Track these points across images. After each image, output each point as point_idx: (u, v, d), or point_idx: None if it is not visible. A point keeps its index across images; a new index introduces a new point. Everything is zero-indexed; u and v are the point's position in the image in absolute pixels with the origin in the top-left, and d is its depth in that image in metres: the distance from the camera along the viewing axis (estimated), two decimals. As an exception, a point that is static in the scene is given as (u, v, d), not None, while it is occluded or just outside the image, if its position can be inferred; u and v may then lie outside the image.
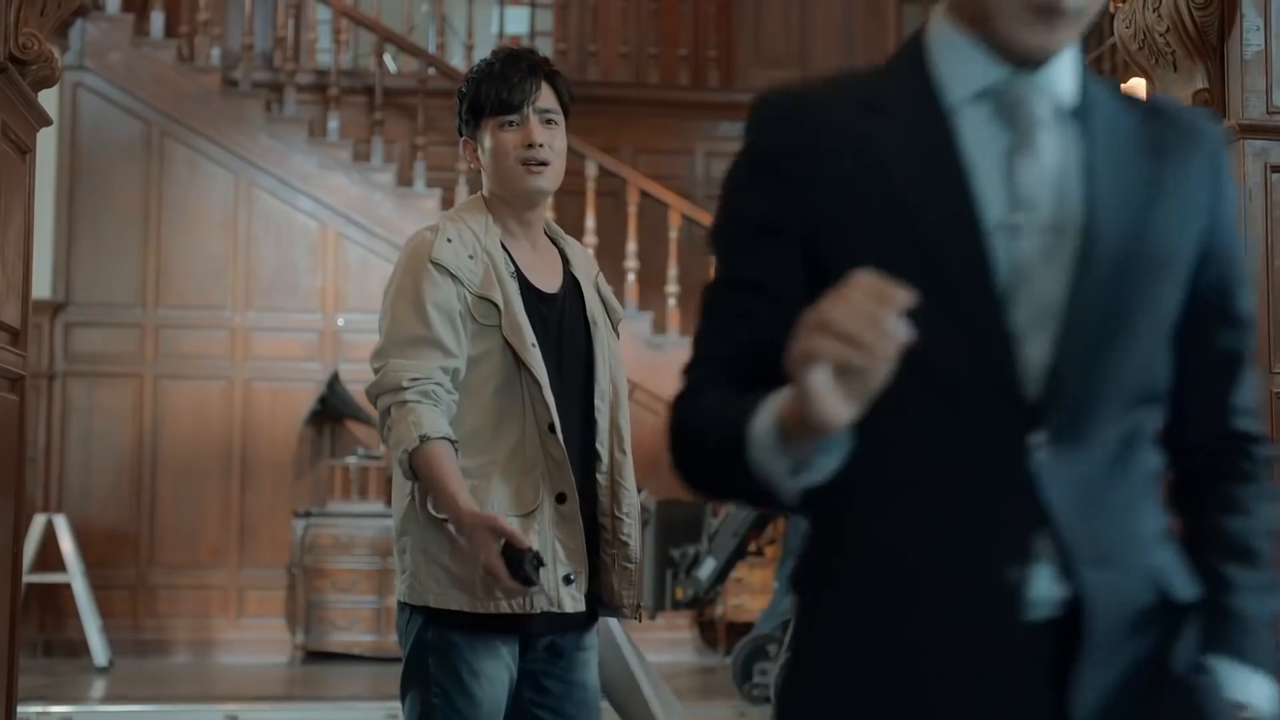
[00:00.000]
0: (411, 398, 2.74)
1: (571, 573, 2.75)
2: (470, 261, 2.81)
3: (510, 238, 2.92)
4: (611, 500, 2.85)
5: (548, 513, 2.74)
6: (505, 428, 2.76)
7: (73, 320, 9.63)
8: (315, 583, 9.27)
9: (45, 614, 9.35)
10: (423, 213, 9.96)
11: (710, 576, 7.20)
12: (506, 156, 2.88)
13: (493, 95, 2.87)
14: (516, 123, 2.87)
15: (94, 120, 9.74)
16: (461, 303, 2.78)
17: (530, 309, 2.81)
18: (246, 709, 6.89)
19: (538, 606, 2.69)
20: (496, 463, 2.76)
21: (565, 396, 2.81)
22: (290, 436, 9.71)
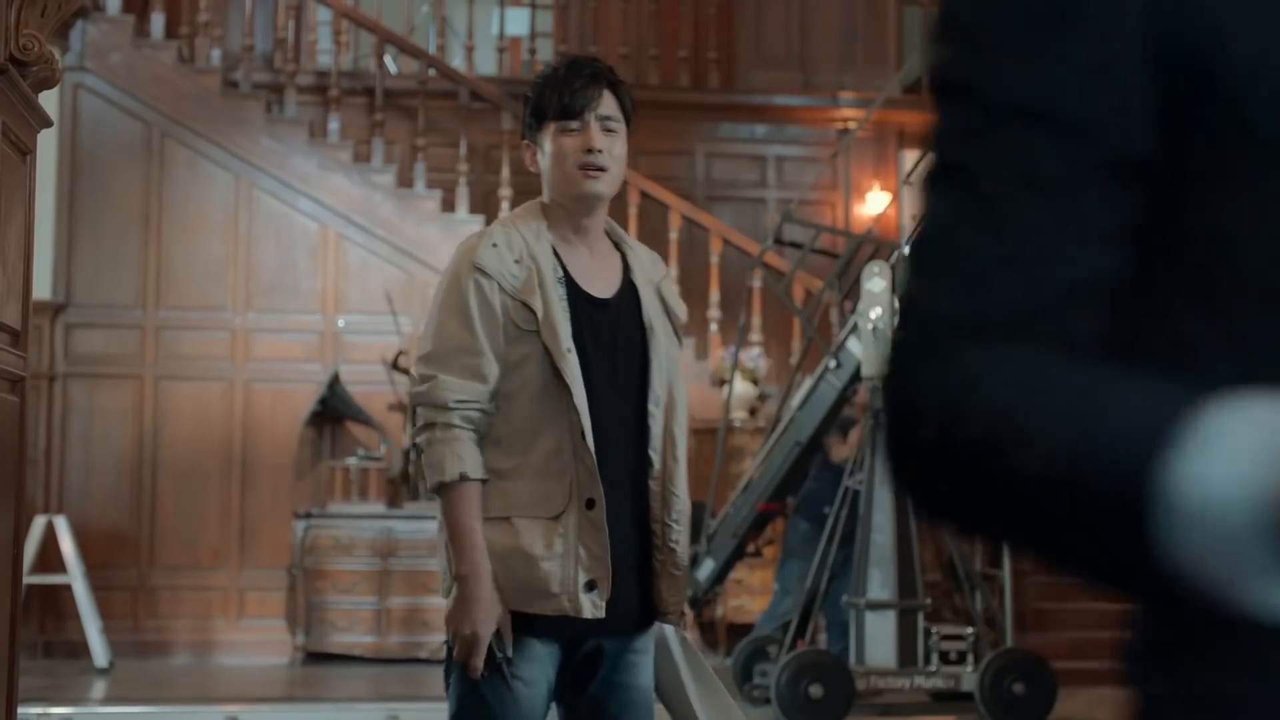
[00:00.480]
0: (457, 422, 2.75)
1: (594, 579, 2.73)
2: (515, 266, 2.80)
3: (565, 243, 2.92)
4: (662, 506, 2.85)
5: (574, 517, 2.73)
6: (543, 432, 2.77)
7: (73, 321, 9.63)
8: (315, 584, 9.27)
9: (46, 615, 9.35)
10: (423, 214, 9.97)
11: (709, 577, 7.20)
12: (565, 161, 2.90)
13: (555, 100, 2.89)
14: (577, 128, 2.89)
15: (94, 121, 9.74)
16: (502, 308, 2.78)
17: (580, 315, 2.81)
18: (247, 710, 6.89)
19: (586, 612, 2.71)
20: (531, 465, 2.76)
21: (617, 402, 2.82)
22: (290, 438, 9.71)
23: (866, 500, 7.03)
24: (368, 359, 9.65)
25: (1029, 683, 6.74)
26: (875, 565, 6.94)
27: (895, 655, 6.86)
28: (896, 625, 6.88)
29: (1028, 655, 6.97)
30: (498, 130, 10.35)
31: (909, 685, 6.85)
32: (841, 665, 6.67)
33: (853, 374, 7.45)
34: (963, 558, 7.23)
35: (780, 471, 7.51)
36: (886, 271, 7.16)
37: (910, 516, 7.01)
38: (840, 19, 11.78)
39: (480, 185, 10.79)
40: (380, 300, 9.67)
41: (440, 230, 9.96)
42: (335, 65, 10.46)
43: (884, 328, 7.06)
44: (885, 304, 7.08)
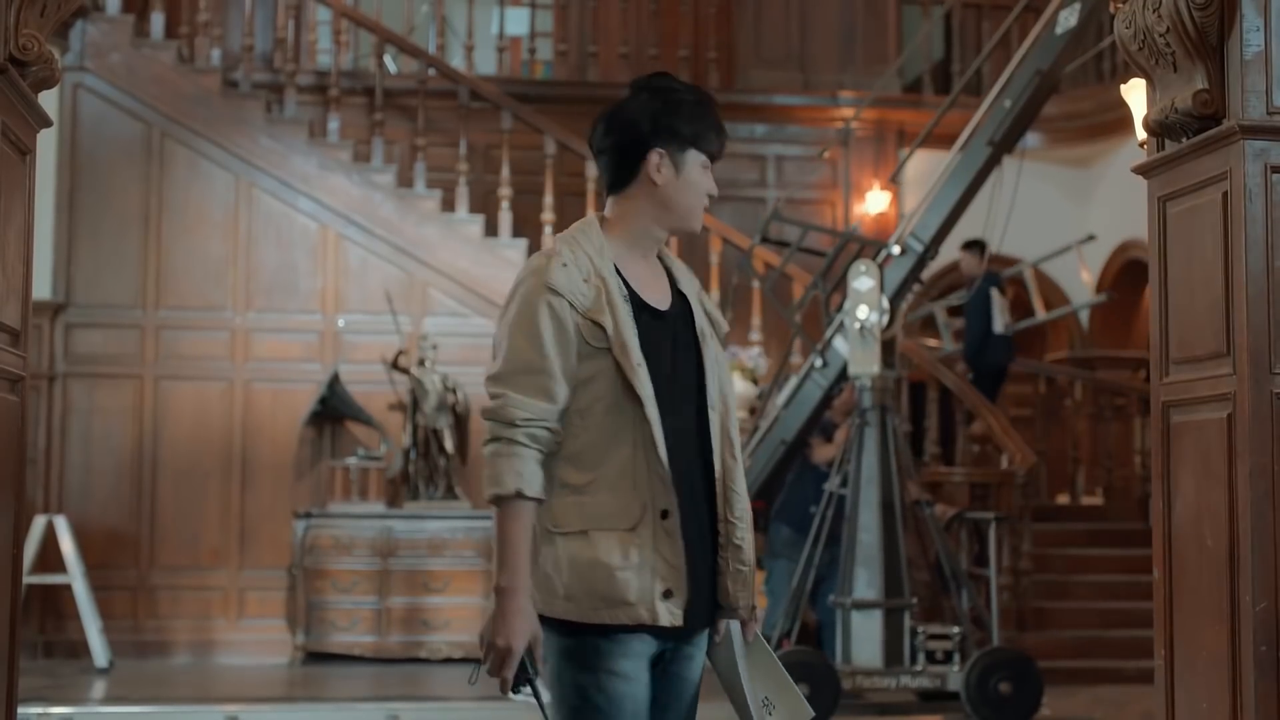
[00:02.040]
0: (522, 439, 2.80)
1: (670, 588, 2.80)
2: (584, 285, 2.84)
3: (623, 258, 2.95)
4: (725, 505, 2.91)
5: (650, 528, 2.80)
6: (615, 446, 2.82)
7: (73, 321, 9.63)
8: (316, 584, 9.27)
9: (46, 615, 9.35)
10: (423, 213, 9.97)
11: None
12: (697, 193, 2.97)
13: (709, 135, 2.97)
14: (709, 168, 2.99)
15: (94, 121, 9.74)
16: (574, 327, 2.82)
17: (644, 327, 2.87)
18: (247, 710, 6.89)
19: (663, 620, 2.79)
20: (606, 479, 2.82)
21: (678, 408, 2.88)
22: (290, 437, 9.71)
23: (853, 500, 7.00)
24: (368, 359, 9.64)
25: (1015, 682, 6.72)
26: (861, 565, 6.92)
27: (881, 654, 6.84)
28: (883, 625, 6.86)
29: (1014, 654, 6.95)
30: (497, 130, 10.34)
31: (895, 684, 6.83)
32: (826, 664, 6.64)
33: (839, 372, 7.42)
34: (949, 557, 7.21)
35: (765, 469, 7.48)
36: (874, 270, 7.14)
37: (897, 516, 6.99)
38: (839, 18, 11.78)
39: (480, 185, 10.79)
40: (380, 300, 9.67)
41: (440, 230, 9.96)
42: (335, 65, 10.46)
43: (871, 326, 7.04)
44: (872, 302, 7.06)
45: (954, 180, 7.55)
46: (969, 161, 7.52)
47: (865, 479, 7.00)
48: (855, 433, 7.10)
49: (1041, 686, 6.84)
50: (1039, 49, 7.47)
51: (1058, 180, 12.61)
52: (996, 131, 7.41)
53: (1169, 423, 3.72)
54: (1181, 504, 3.65)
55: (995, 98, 7.51)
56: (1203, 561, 3.54)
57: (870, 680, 6.80)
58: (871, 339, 7.05)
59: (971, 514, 8.06)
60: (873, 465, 7.00)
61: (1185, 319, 3.65)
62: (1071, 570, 9.99)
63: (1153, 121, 3.71)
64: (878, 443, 7.03)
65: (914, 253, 7.45)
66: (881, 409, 7.09)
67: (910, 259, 7.44)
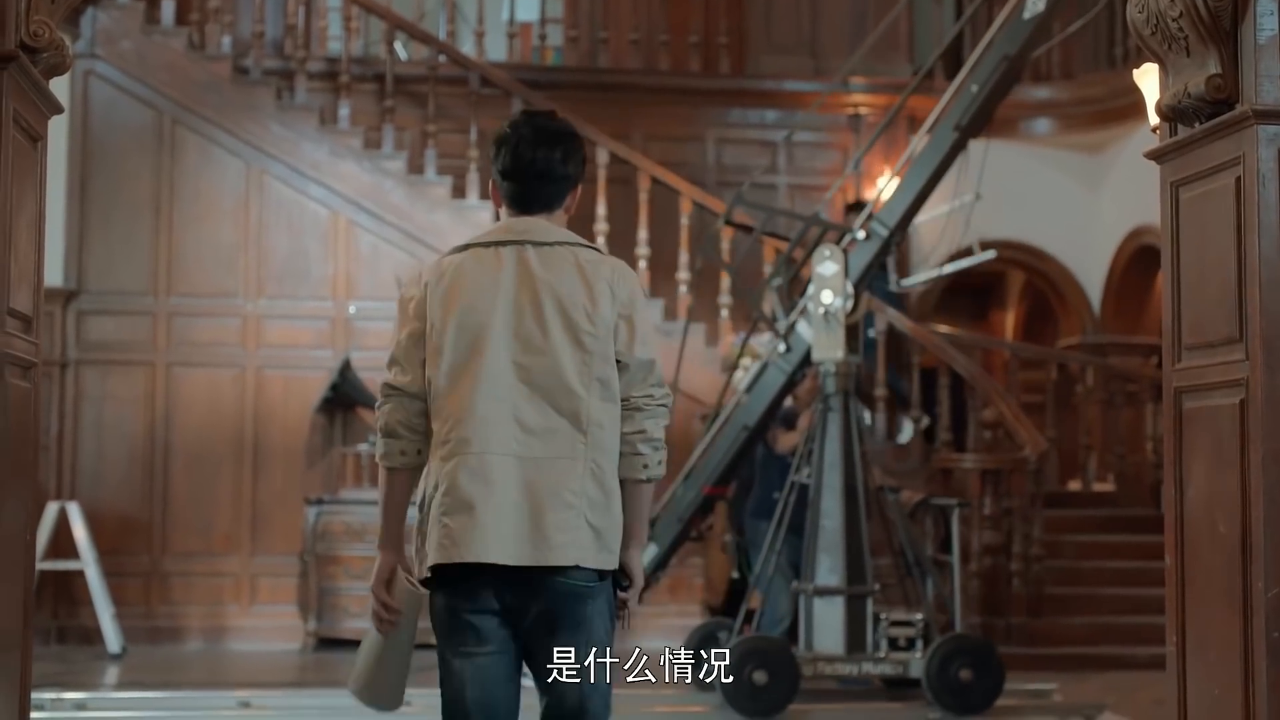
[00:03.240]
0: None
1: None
2: None
3: None
4: None
5: None
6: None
7: (85, 308, 9.65)
8: (327, 570, 9.29)
9: (59, 601, 9.38)
10: (433, 200, 9.97)
11: (653, 562, 7.10)
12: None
13: None
14: None
15: (105, 108, 9.75)
16: None
17: None
18: (259, 695, 6.91)
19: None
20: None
21: None
22: (302, 424, 9.72)
23: (815, 486, 6.95)
24: (379, 345, 9.64)
25: (976, 669, 6.67)
26: (824, 551, 6.87)
27: (843, 641, 6.80)
28: (845, 611, 6.82)
29: (976, 641, 6.90)
30: (508, 116, 10.29)
31: (857, 671, 6.78)
32: (786, 651, 6.61)
33: (803, 358, 7.34)
34: (913, 543, 7.14)
35: (727, 455, 7.42)
36: (838, 255, 7.07)
37: (860, 502, 6.94)
38: (850, 4, 11.74)
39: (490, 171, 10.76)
40: (391, 286, 9.66)
41: (451, 216, 9.96)
42: (345, 52, 10.45)
43: (836, 311, 6.98)
44: (837, 287, 6.99)
45: (920, 165, 7.46)
46: (935, 146, 7.44)
47: (828, 465, 6.94)
48: (818, 419, 7.04)
49: (1003, 674, 6.78)
50: (1006, 34, 7.39)
51: (1069, 166, 12.57)
52: (963, 116, 7.31)
53: (1181, 409, 3.71)
54: (1194, 490, 3.64)
55: (962, 82, 7.43)
56: (1215, 548, 3.53)
57: (832, 667, 6.75)
58: (836, 324, 6.98)
59: (936, 500, 8.00)
60: (835, 451, 6.95)
61: (1198, 305, 3.64)
62: (1083, 556, 9.98)
63: (1165, 106, 3.70)
64: (841, 429, 6.97)
65: (879, 237, 7.36)
66: (845, 395, 7.02)
67: (875, 243, 7.34)
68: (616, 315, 3.13)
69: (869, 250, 7.33)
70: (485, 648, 3.11)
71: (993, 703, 6.73)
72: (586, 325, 3.09)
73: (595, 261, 3.16)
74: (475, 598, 3.09)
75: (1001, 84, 7.35)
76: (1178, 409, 3.72)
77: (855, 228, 7.45)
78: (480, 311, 3.10)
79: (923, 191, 7.45)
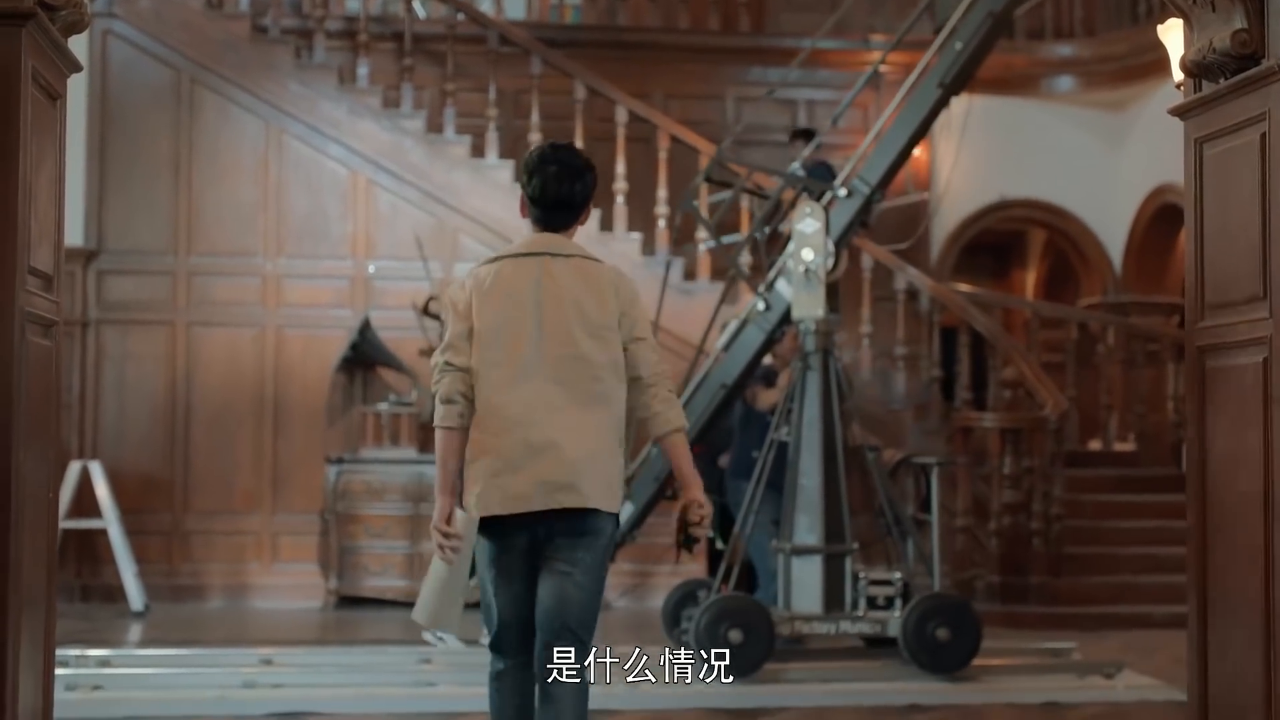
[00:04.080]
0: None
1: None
2: None
3: None
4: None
5: None
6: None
7: (105, 268, 9.67)
8: (348, 528, 9.33)
9: (82, 560, 9.44)
10: (452, 159, 9.95)
11: (629, 520, 7.02)
12: None
13: None
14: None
15: (124, 67, 9.74)
16: None
17: None
18: (281, 653, 6.94)
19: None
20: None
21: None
22: (322, 383, 9.75)
23: (795, 445, 6.90)
24: (398, 304, 9.66)
25: (953, 628, 6.61)
26: (802, 511, 6.81)
27: (821, 600, 6.77)
28: (823, 570, 6.78)
29: (952, 600, 6.82)
30: (527, 75, 10.30)
31: (834, 630, 6.73)
32: (761, 610, 6.58)
33: (782, 316, 7.27)
34: (892, 502, 7.07)
35: (705, 414, 7.37)
36: (819, 212, 6.98)
37: (839, 461, 6.89)
38: (872, -39, 11.64)
39: (510, 130, 10.75)
40: (410, 246, 9.67)
41: (470, 175, 9.94)
42: (364, 10, 10.42)
43: (816, 269, 6.89)
44: (817, 245, 6.90)
45: (902, 122, 7.34)
46: (918, 103, 7.33)
47: (807, 424, 6.88)
48: (798, 377, 6.98)
49: (980, 633, 6.72)
50: None
51: (1091, 124, 12.50)
52: (947, 74, 7.19)
53: (1204, 367, 3.70)
54: (1216, 449, 3.63)
55: (946, 39, 7.32)
56: (1237, 506, 3.52)
57: (809, 626, 6.69)
58: (816, 282, 6.91)
59: (917, 459, 7.94)
60: (815, 410, 6.88)
61: (1221, 263, 3.62)
62: (1103, 516, 9.98)
63: (1190, 62, 3.67)
64: (820, 387, 6.91)
65: (860, 195, 7.26)
66: (824, 353, 6.94)
67: (856, 201, 7.24)
68: (620, 311, 3.90)
69: (850, 208, 7.23)
70: (522, 570, 3.88)
71: (969, 662, 6.66)
72: (598, 319, 3.87)
73: (600, 269, 3.96)
74: (515, 535, 3.82)
75: (986, 41, 7.23)
76: (1200, 367, 3.70)
77: (836, 185, 7.35)
78: (515, 309, 3.86)
79: (905, 149, 7.33)
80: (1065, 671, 6.90)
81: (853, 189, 7.26)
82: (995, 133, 12.51)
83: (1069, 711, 6.19)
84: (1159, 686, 6.59)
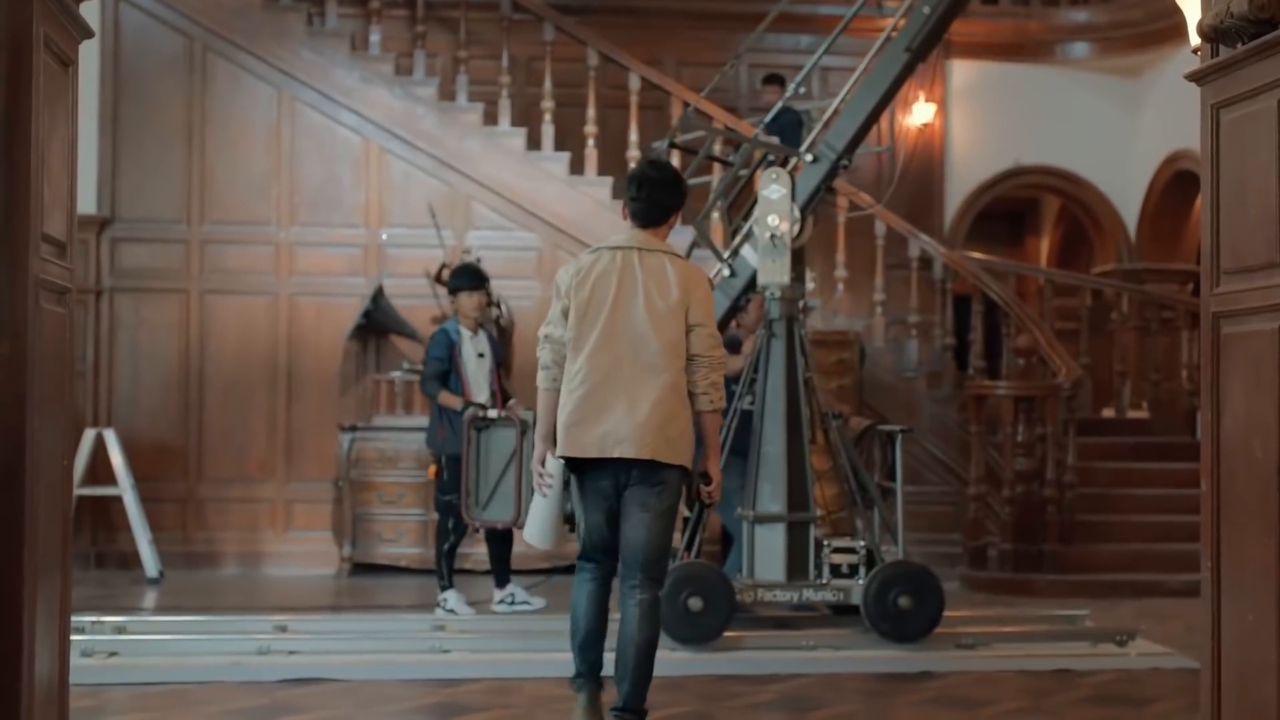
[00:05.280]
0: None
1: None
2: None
3: None
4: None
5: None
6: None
7: (119, 236, 9.67)
8: (361, 496, 9.36)
9: (97, 527, 9.48)
10: (465, 127, 9.93)
11: None
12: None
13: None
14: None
15: (135, 34, 9.73)
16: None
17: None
18: (295, 619, 6.97)
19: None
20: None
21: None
22: (335, 351, 9.76)
23: (759, 413, 6.85)
24: (411, 272, 9.66)
25: (915, 596, 6.58)
26: (766, 479, 6.77)
27: (784, 568, 6.74)
28: (786, 538, 6.75)
29: (914, 568, 6.78)
30: (540, 42, 10.27)
31: (796, 598, 6.70)
32: (722, 578, 6.55)
33: (748, 283, 7.22)
34: (857, 470, 7.02)
35: None
36: (785, 178, 6.89)
37: (803, 429, 6.85)
38: (886, -74, 11.58)
39: (522, 98, 10.72)
40: (423, 214, 9.66)
41: (482, 143, 9.92)
42: (376, -23, 10.39)
43: (782, 236, 6.82)
44: (783, 211, 6.83)
45: (869, 87, 7.24)
46: (885, 68, 7.22)
47: (771, 392, 6.83)
48: (762, 344, 6.93)
49: (942, 601, 6.68)
50: None
51: (1107, 90, 12.44)
52: (914, 39, 7.11)
53: (1219, 334, 3.68)
54: (1230, 416, 3.62)
55: (913, 3, 7.23)
56: (1251, 474, 3.51)
57: (772, 594, 6.67)
58: (782, 248, 6.84)
59: (883, 426, 7.89)
60: (779, 378, 6.83)
61: (1237, 228, 3.60)
62: (1116, 484, 9.97)
63: (1207, 27, 3.64)
64: (784, 355, 6.85)
65: (827, 160, 7.17)
66: (789, 320, 6.89)
67: (823, 167, 7.15)
68: (687, 301, 4.77)
69: (816, 173, 7.14)
70: (601, 504, 4.81)
71: (931, 630, 6.61)
72: (662, 306, 4.75)
73: (677, 264, 4.83)
74: (598, 477, 4.78)
75: (953, 6, 7.15)
76: (1215, 334, 3.69)
77: (802, 150, 7.27)
78: (600, 292, 4.78)
79: (872, 114, 7.23)
80: (1078, 639, 6.91)
81: (819, 154, 7.16)
82: (1010, 99, 12.48)
83: (1081, 679, 6.20)
84: (1172, 654, 6.59)
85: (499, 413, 7.17)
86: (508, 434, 6.96)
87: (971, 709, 5.57)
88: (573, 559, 5.19)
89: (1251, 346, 3.52)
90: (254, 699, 5.56)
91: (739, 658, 6.38)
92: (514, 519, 6.86)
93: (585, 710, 4.82)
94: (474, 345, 7.75)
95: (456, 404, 7.49)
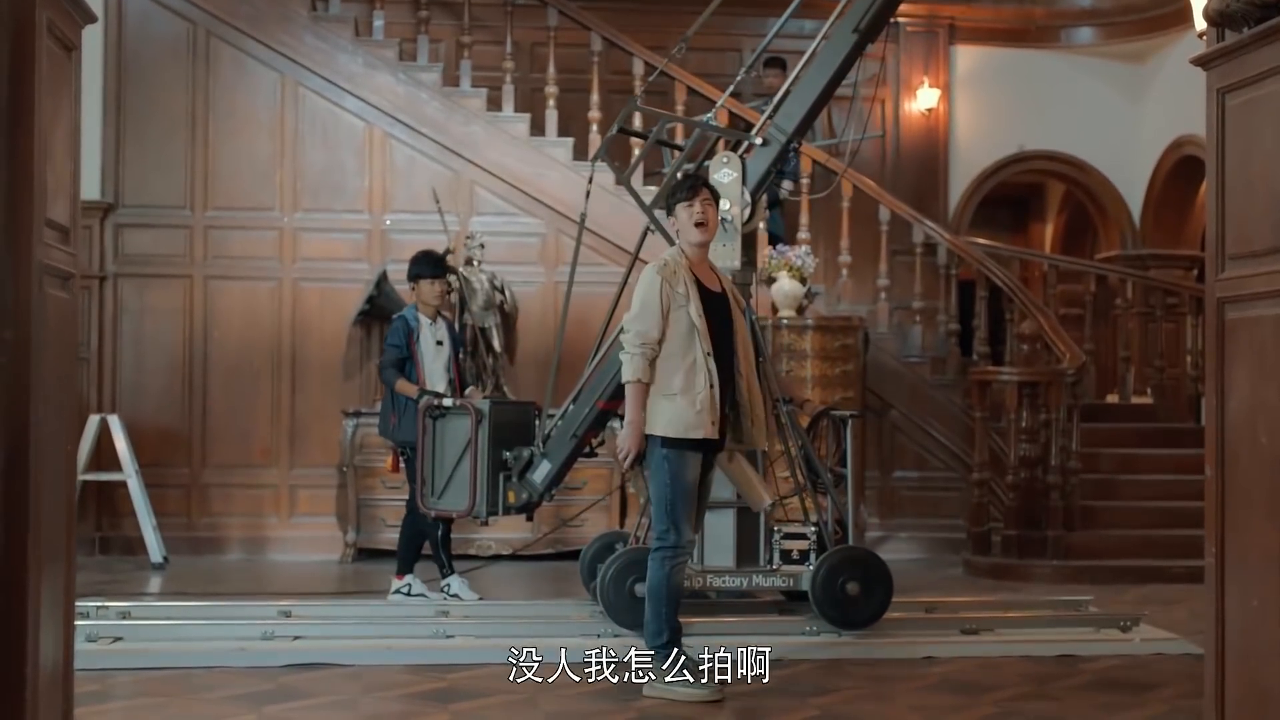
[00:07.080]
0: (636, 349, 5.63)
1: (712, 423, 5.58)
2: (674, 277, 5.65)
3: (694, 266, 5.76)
4: (738, 390, 5.71)
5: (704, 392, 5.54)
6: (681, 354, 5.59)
7: (122, 222, 9.67)
8: (365, 482, 9.36)
9: (102, 512, 9.50)
10: (469, 112, 9.92)
11: (546, 479, 6.81)
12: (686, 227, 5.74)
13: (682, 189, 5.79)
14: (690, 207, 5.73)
15: (139, 20, 9.72)
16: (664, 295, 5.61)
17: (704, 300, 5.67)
18: (300, 604, 6.98)
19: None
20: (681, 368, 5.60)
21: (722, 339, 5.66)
22: (339, 336, 9.76)
23: None
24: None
25: (863, 582, 6.55)
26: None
27: (733, 554, 6.72)
28: (735, 524, 6.73)
29: (863, 554, 6.74)
30: (543, 27, 10.25)
31: (746, 584, 6.67)
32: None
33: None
34: (809, 457, 6.97)
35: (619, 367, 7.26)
36: (735, 162, 6.85)
37: None
38: (891, -90, 11.54)
39: (526, 83, 10.71)
40: (427, 199, 9.66)
41: (486, 129, 9.91)
42: (379, -38, 10.37)
43: (733, 220, 6.78)
44: (734, 195, 6.78)
45: (819, 69, 7.16)
46: (833, 50, 7.14)
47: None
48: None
49: (891, 587, 6.64)
50: None
51: (1111, 76, 12.42)
52: (862, 20, 7.05)
53: (1224, 319, 3.68)
54: (1235, 401, 3.62)
55: None
56: (1256, 459, 3.51)
57: (721, 580, 6.64)
58: (733, 232, 6.81)
59: (835, 412, 7.85)
60: None
61: (1243, 214, 3.59)
62: (1120, 469, 9.97)
63: (1213, 11, 3.63)
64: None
65: (777, 143, 7.10)
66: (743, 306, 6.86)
67: (773, 150, 7.09)
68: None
69: (767, 156, 7.07)
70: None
71: (880, 617, 6.60)
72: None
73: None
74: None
75: None
76: (1220, 319, 3.69)
77: (752, 134, 7.20)
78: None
79: (821, 96, 7.17)
80: (1082, 624, 6.91)
81: (769, 138, 7.09)
82: (1014, 84, 12.46)
83: (1085, 664, 6.21)
84: (1176, 640, 6.59)
85: (454, 401, 7.07)
86: (463, 423, 6.86)
87: (975, 694, 5.57)
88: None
89: (1256, 332, 3.52)
90: (258, 684, 5.56)
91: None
92: (469, 509, 6.79)
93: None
94: (432, 333, 7.68)
95: (413, 392, 7.42)
